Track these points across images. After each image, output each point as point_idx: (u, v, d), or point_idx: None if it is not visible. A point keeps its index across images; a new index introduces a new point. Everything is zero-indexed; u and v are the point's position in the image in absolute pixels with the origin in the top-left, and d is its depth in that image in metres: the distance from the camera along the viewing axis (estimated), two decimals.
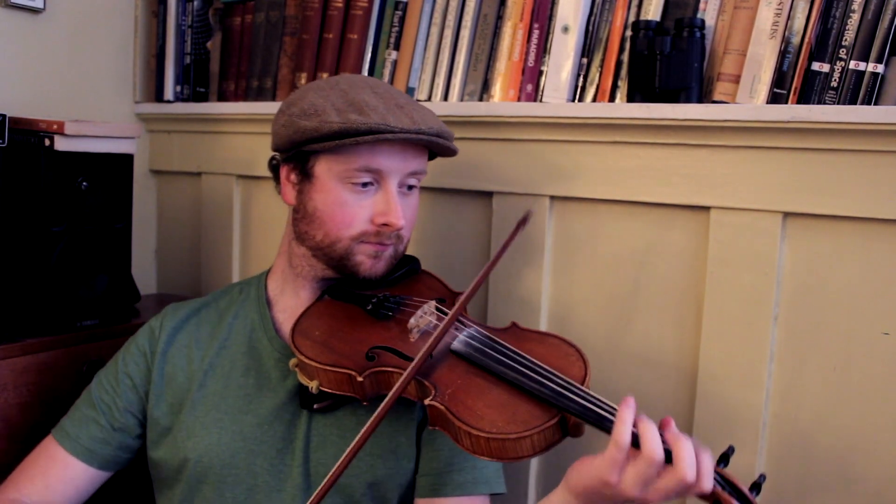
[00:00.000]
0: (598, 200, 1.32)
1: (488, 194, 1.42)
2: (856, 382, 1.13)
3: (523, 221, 1.17)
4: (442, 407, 0.94)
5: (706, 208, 1.22)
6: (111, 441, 1.17)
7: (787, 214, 1.16)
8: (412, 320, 1.09)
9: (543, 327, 1.38)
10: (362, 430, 0.94)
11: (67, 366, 1.36)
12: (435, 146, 1.14)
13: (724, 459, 0.89)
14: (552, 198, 1.36)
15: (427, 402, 0.96)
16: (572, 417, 0.92)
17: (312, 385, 1.06)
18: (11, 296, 1.35)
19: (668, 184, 1.24)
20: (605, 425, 0.89)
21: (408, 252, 1.23)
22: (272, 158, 1.21)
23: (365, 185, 1.10)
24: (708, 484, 0.84)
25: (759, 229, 1.17)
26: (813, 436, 1.16)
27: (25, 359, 1.31)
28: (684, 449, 0.84)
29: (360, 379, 1.01)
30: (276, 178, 1.20)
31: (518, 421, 0.92)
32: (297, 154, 1.13)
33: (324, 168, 1.11)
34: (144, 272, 1.89)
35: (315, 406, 1.11)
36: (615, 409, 0.90)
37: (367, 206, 1.11)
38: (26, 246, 1.36)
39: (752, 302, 1.18)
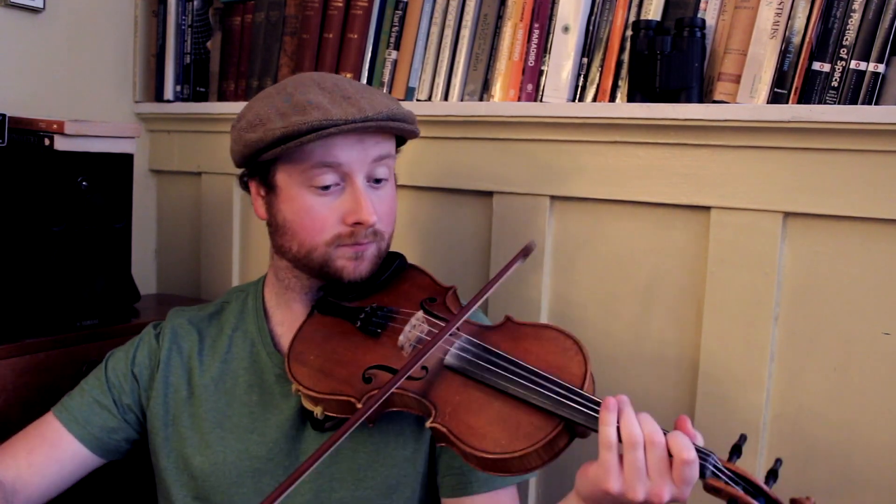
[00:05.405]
0: (598, 200, 1.32)
1: (488, 194, 1.42)
2: (856, 382, 1.13)
3: (525, 252, 1.10)
4: (444, 429, 0.93)
5: (706, 208, 1.22)
6: (120, 430, 1.16)
7: (787, 214, 1.16)
8: (401, 337, 1.06)
9: None
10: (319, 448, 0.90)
11: (67, 366, 1.36)
12: (389, 130, 1.08)
13: (736, 451, 0.88)
14: (552, 198, 1.36)
15: (429, 424, 0.95)
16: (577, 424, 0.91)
17: (317, 411, 1.04)
18: (11, 296, 1.35)
19: (668, 184, 1.24)
20: None
21: (408, 253, 1.23)
22: (242, 175, 1.17)
23: (329, 186, 1.07)
24: (687, 453, 0.83)
25: (760, 229, 1.17)
26: (813, 435, 1.16)
27: (25, 359, 1.31)
28: (645, 419, 0.87)
29: (359, 406, 1.00)
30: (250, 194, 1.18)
31: (521, 436, 0.90)
32: (256, 168, 1.11)
33: (284, 177, 1.09)
34: (144, 272, 1.88)
35: (326, 426, 1.08)
36: None
37: (335, 207, 1.08)
38: (26, 246, 1.36)
39: (753, 302, 1.18)
